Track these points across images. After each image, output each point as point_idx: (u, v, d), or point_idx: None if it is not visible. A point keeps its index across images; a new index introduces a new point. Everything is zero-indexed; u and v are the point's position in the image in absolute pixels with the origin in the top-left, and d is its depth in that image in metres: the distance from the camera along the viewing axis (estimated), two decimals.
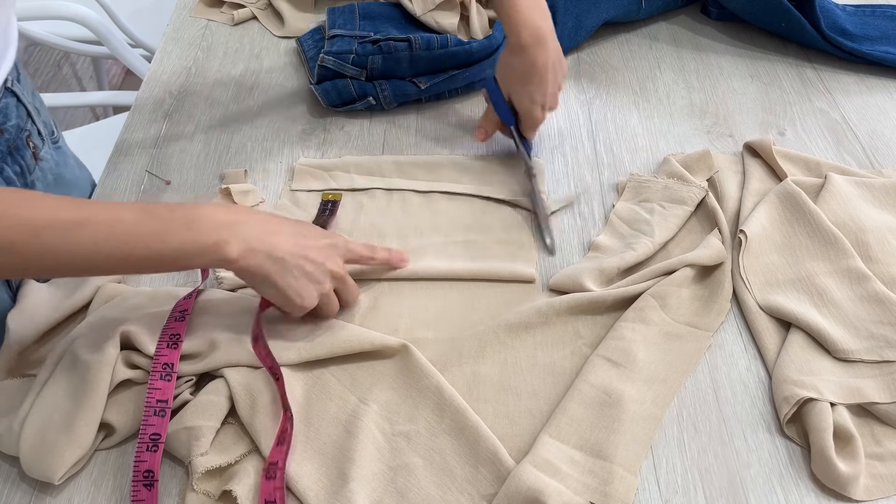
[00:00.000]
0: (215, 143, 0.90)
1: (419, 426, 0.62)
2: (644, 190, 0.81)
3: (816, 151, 0.88)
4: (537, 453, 0.59)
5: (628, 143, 0.89)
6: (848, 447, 0.60)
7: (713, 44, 1.04)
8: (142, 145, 0.90)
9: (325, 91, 0.92)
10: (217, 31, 1.08)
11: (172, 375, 0.62)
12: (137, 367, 0.64)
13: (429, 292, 0.73)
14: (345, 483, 0.58)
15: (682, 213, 0.78)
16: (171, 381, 0.62)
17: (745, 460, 0.61)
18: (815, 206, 0.76)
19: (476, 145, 0.88)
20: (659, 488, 0.60)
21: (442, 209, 0.81)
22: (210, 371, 0.65)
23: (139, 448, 0.59)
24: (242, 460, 0.60)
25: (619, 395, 0.63)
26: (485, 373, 0.67)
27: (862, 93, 0.96)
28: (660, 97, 0.96)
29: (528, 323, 0.69)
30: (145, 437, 0.60)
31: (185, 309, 0.67)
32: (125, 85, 2.31)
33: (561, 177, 0.85)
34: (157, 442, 0.59)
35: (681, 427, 0.63)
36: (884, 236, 0.74)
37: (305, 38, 1.02)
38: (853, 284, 0.70)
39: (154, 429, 0.60)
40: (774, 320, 0.70)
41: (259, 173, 0.86)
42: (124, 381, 0.63)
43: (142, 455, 0.58)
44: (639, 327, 0.68)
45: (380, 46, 0.90)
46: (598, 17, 1.01)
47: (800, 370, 0.64)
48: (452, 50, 0.91)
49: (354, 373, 0.66)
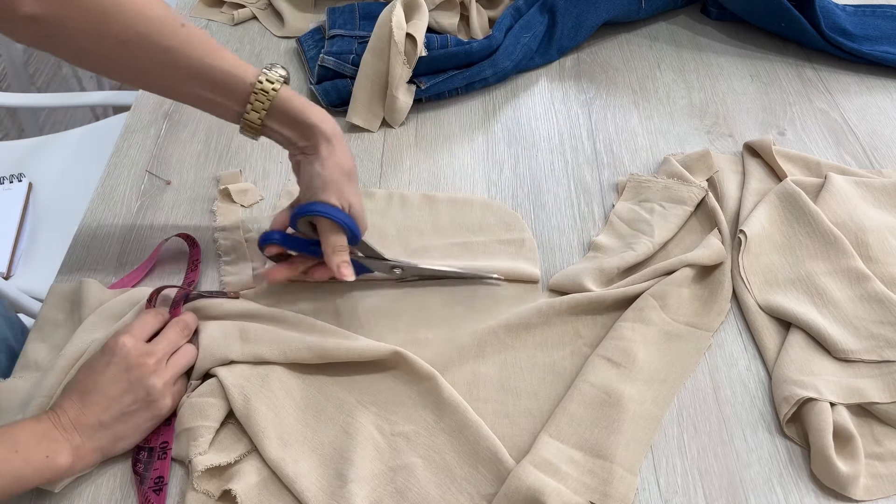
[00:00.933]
0: (215, 143, 0.90)
1: (419, 426, 0.62)
2: (644, 190, 0.81)
3: (816, 151, 0.88)
4: (537, 453, 0.59)
5: (628, 143, 0.89)
6: (848, 447, 0.60)
7: (713, 44, 1.04)
8: (142, 145, 0.90)
9: (325, 91, 0.92)
10: (217, 31, 1.08)
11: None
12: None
13: (429, 293, 0.73)
14: (344, 483, 0.58)
15: (682, 212, 0.78)
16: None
17: (745, 460, 0.61)
18: (815, 206, 0.76)
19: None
20: (659, 488, 0.60)
21: (442, 210, 0.81)
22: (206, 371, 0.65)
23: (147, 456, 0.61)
24: (242, 460, 0.60)
25: (619, 394, 0.63)
26: (485, 373, 0.67)
27: (862, 93, 0.96)
28: (660, 97, 0.96)
29: (528, 323, 0.69)
30: (156, 444, 0.61)
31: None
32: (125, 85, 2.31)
33: (561, 177, 0.85)
34: (165, 449, 0.61)
35: (681, 427, 0.63)
36: (884, 236, 0.74)
37: (305, 38, 1.02)
38: (853, 284, 0.70)
39: (163, 437, 0.62)
40: (774, 320, 0.70)
41: (259, 173, 0.86)
42: None
43: (154, 463, 0.60)
44: (639, 327, 0.68)
45: None
46: (598, 17, 1.01)
47: (800, 370, 0.64)
48: (452, 50, 0.91)
49: (353, 373, 0.66)
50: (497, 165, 0.87)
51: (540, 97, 0.96)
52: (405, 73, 0.88)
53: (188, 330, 0.66)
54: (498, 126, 0.92)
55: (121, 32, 0.61)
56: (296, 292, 0.73)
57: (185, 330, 0.66)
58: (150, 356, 0.62)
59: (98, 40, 0.62)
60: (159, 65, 0.64)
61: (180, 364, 0.64)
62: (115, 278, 0.75)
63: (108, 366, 0.60)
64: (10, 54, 1.65)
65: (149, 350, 0.62)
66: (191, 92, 0.66)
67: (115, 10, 0.61)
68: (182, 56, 0.63)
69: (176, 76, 0.65)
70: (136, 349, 0.61)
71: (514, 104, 0.95)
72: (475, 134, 0.91)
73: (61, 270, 0.76)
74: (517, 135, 0.91)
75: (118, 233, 0.80)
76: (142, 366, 0.61)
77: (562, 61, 1.02)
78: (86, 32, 0.61)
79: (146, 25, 0.62)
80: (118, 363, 0.61)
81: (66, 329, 0.70)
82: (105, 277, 0.75)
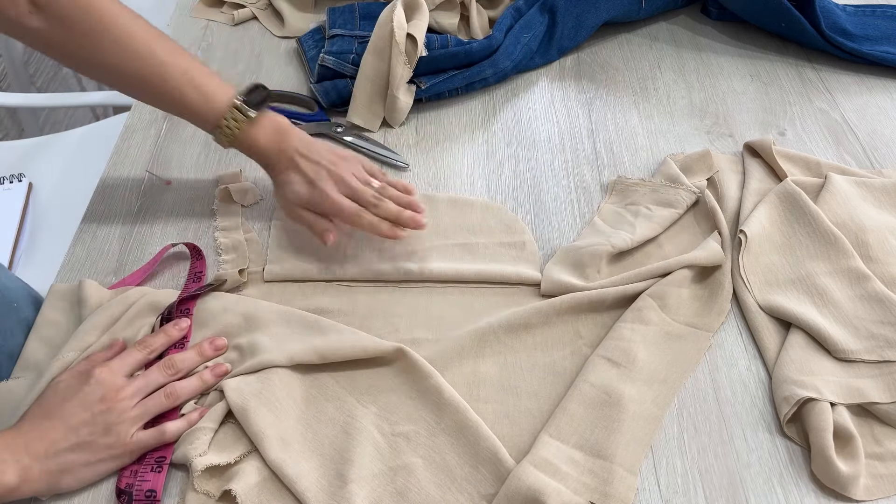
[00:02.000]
0: (215, 144, 0.89)
1: (419, 426, 0.62)
2: (631, 193, 0.81)
3: (816, 151, 0.88)
4: (537, 453, 0.59)
5: (628, 143, 0.89)
6: (848, 447, 0.60)
7: (713, 44, 1.04)
8: (142, 145, 0.90)
9: (325, 91, 0.92)
10: (217, 31, 1.08)
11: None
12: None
13: (428, 293, 0.73)
14: (344, 484, 0.58)
15: (668, 215, 0.77)
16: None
17: (745, 460, 0.61)
18: (815, 206, 0.76)
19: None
20: (659, 488, 0.60)
21: (442, 211, 0.81)
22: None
23: (143, 468, 0.60)
24: (242, 460, 0.60)
25: (619, 394, 0.63)
26: (485, 373, 0.67)
27: (862, 93, 0.96)
28: (660, 97, 0.96)
29: (528, 323, 0.69)
30: (150, 458, 0.60)
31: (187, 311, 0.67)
32: None
33: (561, 177, 0.85)
34: (161, 464, 0.60)
35: (681, 427, 0.63)
36: (884, 236, 0.74)
37: (305, 38, 1.02)
38: (853, 284, 0.70)
39: (159, 452, 0.61)
40: (774, 320, 0.70)
41: (259, 173, 0.86)
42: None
43: (146, 475, 0.59)
44: (638, 327, 0.68)
45: None
46: (598, 17, 1.01)
47: (800, 370, 0.64)
48: (452, 50, 0.91)
49: (353, 374, 0.66)
50: (497, 165, 0.87)
51: (540, 97, 0.96)
52: (406, 73, 0.88)
53: (173, 370, 0.64)
54: (498, 126, 0.92)
55: (111, 54, 0.69)
56: (296, 294, 0.73)
57: (170, 370, 0.64)
58: (122, 392, 0.60)
59: (93, 58, 0.70)
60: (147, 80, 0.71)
61: (150, 409, 0.61)
62: (115, 278, 0.75)
63: (77, 393, 0.60)
64: (10, 54, 1.65)
65: (122, 386, 0.61)
66: (172, 110, 0.74)
67: (109, 33, 0.69)
68: (168, 76, 0.71)
69: (164, 90, 0.72)
70: (110, 383, 0.61)
71: (514, 104, 0.95)
72: (475, 134, 0.91)
73: (61, 270, 0.76)
74: (517, 135, 0.91)
75: (118, 233, 0.80)
76: (109, 400, 0.60)
77: (562, 61, 1.02)
78: (84, 48, 0.69)
79: (133, 48, 0.70)
80: (88, 393, 0.60)
81: (65, 329, 0.70)
82: (105, 277, 0.75)
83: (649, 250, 0.76)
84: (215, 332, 0.68)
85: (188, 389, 0.63)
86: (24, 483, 0.56)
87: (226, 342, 0.67)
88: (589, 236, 0.77)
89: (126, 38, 0.69)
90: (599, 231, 0.77)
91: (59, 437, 0.58)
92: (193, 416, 0.62)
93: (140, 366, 0.64)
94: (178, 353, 0.65)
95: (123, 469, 0.60)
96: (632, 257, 0.75)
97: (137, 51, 0.70)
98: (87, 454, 0.58)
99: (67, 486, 0.58)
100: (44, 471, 0.57)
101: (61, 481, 0.58)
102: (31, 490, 0.57)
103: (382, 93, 0.90)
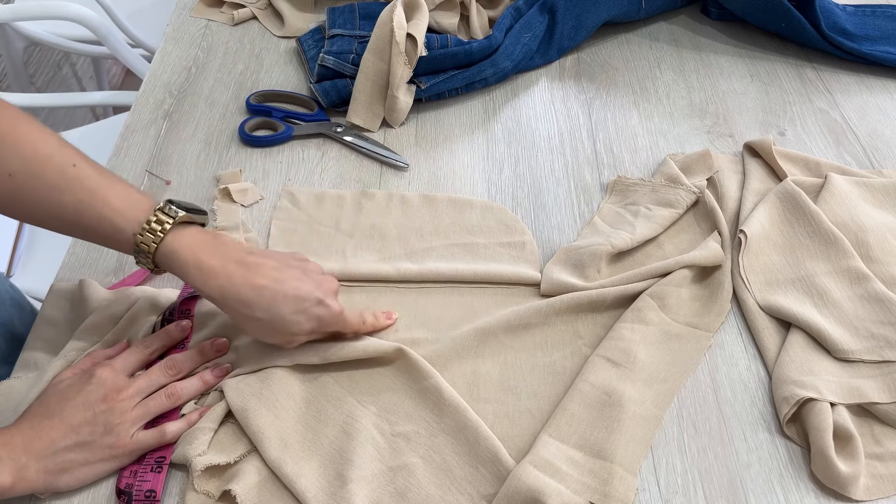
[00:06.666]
0: (215, 143, 0.90)
1: (419, 426, 0.62)
2: (631, 193, 0.81)
3: (816, 151, 0.88)
4: (537, 453, 0.59)
5: (628, 143, 0.89)
6: (848, 447, 0.60)
7: (713, 44, 1.04)
8: (142, 145, 0.90)
9: (325, 91, 0.92)
10: (217, 31, 1.08)
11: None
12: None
13: (428, 294, 0.73)
14: (344, 484, 0.58)
15: (668, 215, 0.77)
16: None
17: (745, 460, 0.61)
18: (815, 206, 0.76)
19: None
20: (659, 488, 0.60)
21: (442, 211, 0.81)
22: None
23: (143, 468, 0.60)
24: (242, 460, 0.60)
25: (619, 395, 0.63)
26: (485, 373, 0.67)
27: (862, 93, 0.96)
28: (660, 97, 0.96)
29: (527, 323, 0.69)
30: (150, 459, 0.60)
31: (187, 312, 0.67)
32: (125, 85, 2.31)
33: (561, 177, 0.85)
34: (161, 464, 0.60)
35: (681, 427, 0.63)
36: (884, 236, 0.74)
37: (305, 38, 1.02)
38: (853, 284, 0.70)
39: (159, 452, 0.61)
40: (774, 320, 0.70)
41: (259, 173, 0.86)
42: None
43: (146, 475, 0.59)
44: (638, 328, 0.68)
45: None
46: (598, 17, 1.01)
47: (800, 370, 0.64)
48: (452, 50, 0.91)
49: (353, 374, 0.66)
50: (497, 165, 0.87)
51: (540, 97, 0.96)
52: (406, 73, 0.88)
53: (175, 370, 0.64)
54: (498, 126, 0.92)
55: (9, 165, 0.60)
56: None
57: (171, 370, 0.64)
58: (123, 392, 0.60)
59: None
60: (45, 202, 0.61)
61: (151, 409, 0.61)
62: (115, 278, 0.75)
63: (79, 393, 0.60)
64: (10, 54, 1.65)
65: (124, 386, 0.61)
66: (78, 232, 0.64)
67: (7, 143, 0.60)
68: (69, 196, 0.61)
69: (63, 215, 0.62)
70: (112, 383, 0.60)
71: (514, 104, 0.95)
72: (475, 134, 0.91)
73: (61, 270, 0.76)
74: (517, 135, 0.91)
75: None
76: (111, 400, 0.60)
77: (562, 61, 1.02)
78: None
79: (35, 161, 0.60)
80: (90, 392, 0.60)
81: (65, 329, 0.70)
82: (105, 277, 0.75)
83: (649, 250, 0.76)
84: (216, 332, 0.68)
85: (189, 390, 0.63)
86: (19, 482, 0.56)
87: (227, 342, 0.67)
88: (589, 236, 0.77)
89: (29, 141, 0.60)
90: (599, 231, 0.77)
91: (59, 435, 0.58)
92: (193, 416, 0.62)
93: (141, 365, 0.64)
94: (179, 354, 0.65)
95: (123, 469, 0.60)
96: (632, 257, 0.75)
97: (41, 157, 0.60)
98: (87, 453, 0.58)
99: (66, 485, 0.58)
100: (41, 469, 0.57)
101: (60, 480, 0.58)
102: (28, 488, 0.57)
103: (382, 93, 0.90)
